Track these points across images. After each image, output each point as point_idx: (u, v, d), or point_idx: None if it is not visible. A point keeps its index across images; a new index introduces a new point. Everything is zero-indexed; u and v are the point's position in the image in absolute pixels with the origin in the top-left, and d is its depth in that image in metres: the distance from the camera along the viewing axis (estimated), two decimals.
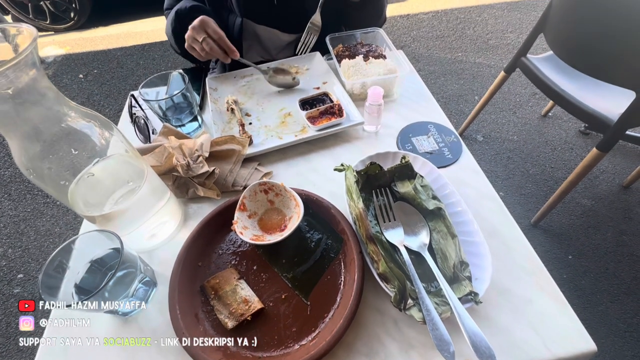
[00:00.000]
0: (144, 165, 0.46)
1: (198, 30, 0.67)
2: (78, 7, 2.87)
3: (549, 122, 1.89)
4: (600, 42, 1.06)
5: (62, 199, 0.39)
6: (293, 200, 0.49)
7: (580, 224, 1.48)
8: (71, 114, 0.36)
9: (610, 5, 0.97)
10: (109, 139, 0.40)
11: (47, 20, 2.93)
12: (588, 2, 1.03)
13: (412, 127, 0.65)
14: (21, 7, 2.82)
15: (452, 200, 0.50)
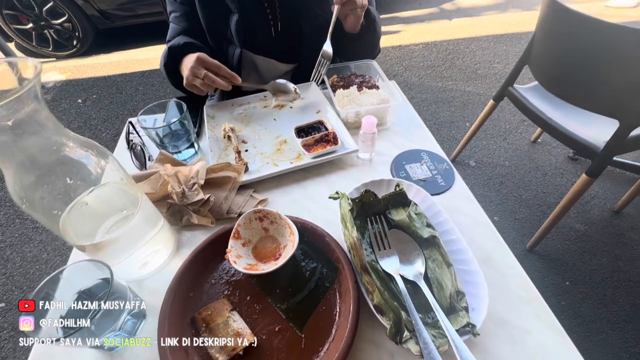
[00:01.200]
0: (138, 193, 0.46)
1: (197, 68, 0.70)
2: (81, 35, 2.95)
3: (538, 148, 1.94)
4: (581, 73, 1.12)
5: (53, 228, 0.39)
6: (288, 228, 0.49)
7: (575, 249, 1.49)
8: (69, 144, 0.36)
9: (589, 37, 1.03)
10: (104, 167, 0.40)
11: (49, 48, 3.00)
12: (568, 35, 1.10)
13: (406, 155, 0.67)
14: (24, 35, 2.89)
15: (446, 228, 0.51)
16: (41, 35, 2.89)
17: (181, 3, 0.83)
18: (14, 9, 2.72)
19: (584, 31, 1.04)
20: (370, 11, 0.81)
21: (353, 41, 0.84)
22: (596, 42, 1.02)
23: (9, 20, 2.77)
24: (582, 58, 1.09)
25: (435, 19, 3.30)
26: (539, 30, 1.24)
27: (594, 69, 1.08)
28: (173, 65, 0.77)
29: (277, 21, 0.86)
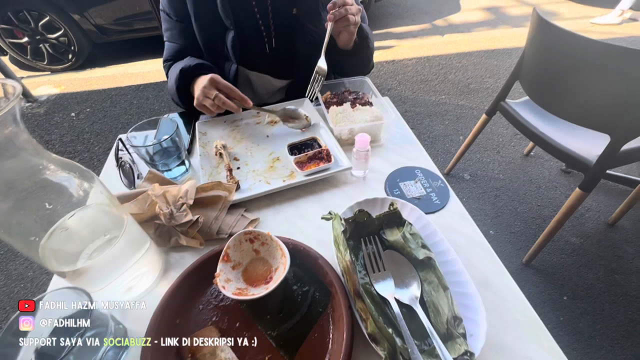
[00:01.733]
0: (123, 215, 0.44)
1: (209, 89, 0.70)
2: (77, 49, 2.96)
3: (531, 161, 1.96)
4: (570, 88, 1.14)
5: (32, 255, 0.37)
6: (279, 250, 0.47)
7: (571, 262, 1.48)
8: (50, 167, 0.35)
9: (577, 53, 1.05)
10: (88, 190, 0.38)
11: (44, 61, 3.00)
12: (556, 52, 1.12)
13: (400, 172, 0.66)
14: (19, 49, 2.89)
15: (441, 249, 0.50)
16: (36, 49, 2.89)
17: (177, 21, 0.83)
18: (9, 23, 2.73)
19: (571, 48, 1.06)
20: (363, 27, 0.82)
21: (346, 57, 0.84)
22: (583, 58, 1.04)
23: (4, 34, 2.78)
24: (571, 74, 1.11)
25: (428, 34, 3.38)
26: (528, 47, 1.26)
27: (582, 85, 1.09)
28: (184, 86, 0.77)
29: (272, 38, 0.87)
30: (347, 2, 0.72)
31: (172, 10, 0.82)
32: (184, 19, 0.81)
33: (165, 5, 0.82)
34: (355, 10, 0.74)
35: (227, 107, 0.71)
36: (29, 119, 2.47)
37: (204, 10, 0.79)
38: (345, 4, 0.72)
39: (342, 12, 0.71)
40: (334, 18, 0.71)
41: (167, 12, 0.83)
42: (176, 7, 0.81)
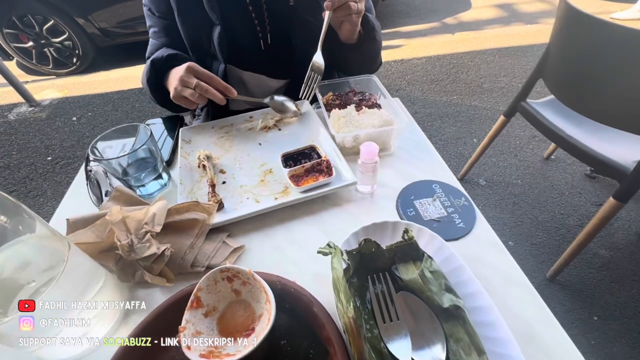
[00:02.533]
0: (64, 249, 0.35)
1: (188, 77, 0.61)
2: (81, 53, 2.94)
3: (552, 165, 1.82)
4: (605, 86, 1.01)
5: None
6: (264, 293, 0.37)
7: (601, 278, 1.34)
8: None
9: (613, 46, 0.93)
10: (10, 228, 0.29)
11: (49, 65, 2.99)
12: (589, 45, 1.00)
13: (414, 187, 0.56)
14: (25, 53, 2.89)
15: (470, 291, 0.39)
16: (41, 53, 2.89)
17: (159, 17, 0.75)
18: (14, 27, 2.72)
19: (607, 40, 0.94)
20: (368, 18, 0.72)
21: (350, 52, 0.74)
22: (622, 51, 0.92)
23: (10, 38, 2.78)
24: (606, 69, 0.99)
25: (438, 33, 3.26)
26: (555, 41, 1.14)
27: (619, 82, 0.97)
28: (156, 79, 0.68)
29: (267, 33, 0.77)
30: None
31: (153, 4, 0.74)
32: (167, 15, 0.73)
33: (147, 1, 0.74)
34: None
35: (210, 95, 0.61)
36: (31, 124, 2.45)
37: (187, 4, 0.70)
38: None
39: (337, 2, 0.61)
40: (331, 6, 0.61)
41: (149, 7, 0.75)
42: (158, 2, 0.73)
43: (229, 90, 0.64)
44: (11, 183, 1.97)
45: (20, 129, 2.40)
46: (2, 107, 2.64)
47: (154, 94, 0.74)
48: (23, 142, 2.27)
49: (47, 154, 2.16)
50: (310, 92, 0.70)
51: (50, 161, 2.11)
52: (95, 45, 2.94)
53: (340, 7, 0.61)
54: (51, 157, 2.13)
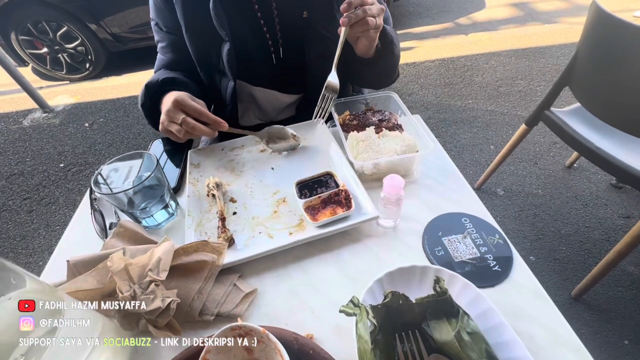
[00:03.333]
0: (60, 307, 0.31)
1: (174, 112, 0.58)
2: (94, 58, 2.98)
3: (575, 174, 1.73)
4: (636, 96, 0.94)
5: None
6: (279, 355, 0.33)
7: (630, 297, 1.26)
8: None
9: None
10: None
11: (63, 71, 3.04)
12: (620, 53, 0.93)
13: (441, 220, 0.51)
14: (39, 59, 2.95)
15: (513, 355, 0.34)
16: (55, 59, 2.95)
17: (167, 32, 0.72)
18: (29, 34, 2.77)
19: None
20: (386, 31, 0.67)
21: (366, 66, 0.70)
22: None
23: (25, 45, 2.83)
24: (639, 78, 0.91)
25: (451, 34, 3.17)
26: (583, 47, 1.07)
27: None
28: (152, 104, 0.65)
29: (279, 47, 0.73)
30: (365, 1, 0.57)
31: (161, 19, 0.71)
32: (174, 30, 0.70)
33: (154, 15, 0.72)
34: (377, 10, 0.58)
35: (198, 132, 0.58)
36: (44, 130, 2.47)
37: (195, 19, 0.66)
38: (363, 4, 0.56)
39: (359, 14, 0.56)
40: (348, 22, 0.56)
41: (156, 22, 0.72)
42: (165, 17, 0.69)
43: (218, 124, 0.60)
44: (25, 190, 1.99)
45: (34, 135, 2.43)
46: (17, 114, 2.68)
47: (149, 119, 0.71)
48: (37, 148, 2.30)
49: (59, 160, 2.18)
50: (325, 113, 0.65)
51: (62, 168, 2.12)
52: (107, 50, 2.97)
53: (357, 23, 0.57)
54: (63, 164, 2.15)
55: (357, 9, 0.56)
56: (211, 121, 0.58)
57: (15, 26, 2.70)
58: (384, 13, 0.61)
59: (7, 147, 2.35)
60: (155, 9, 0.72)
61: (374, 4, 0.58)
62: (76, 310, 0.34)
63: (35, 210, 1.87)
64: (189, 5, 0.66)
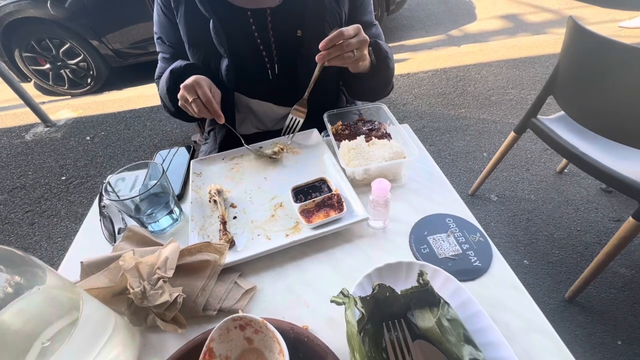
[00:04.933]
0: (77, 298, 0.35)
1: (189, 90, 0.63)
2: (95, 73, 3.05)
3: (566, 179, 1.78)
4: (616, 105, 0.99)
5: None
6: (276, 343, 0.36)
7: (623, 298, 1.29)
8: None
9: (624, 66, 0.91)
10: (22, 282, 0.29)
11: (65, 86, 3.10)
12: (599, 64, 0.99)
13: (427, 221, 0.55)
14: (42, 75, 3.01)
15: (490, 339, 0.37)
16: (57, 75, 3.01)
17: (169, 46, 0.78)
18: (33, 51, 2.84)
19: (615, 59, 0.92)
20: (381, 46, 0.72)
21: (363, 80, 0.75)
22: (631, 71, 0.90)
23: (28, 61, 2.90)
24: (616, 88, 0.97)
25: (443, 45, 3.26)
26: (564, 58, 1.13)
27: (630, 100, 0.95)
28: (175, 87, 0.70)
29: (274, 63, 0.78)
30: (345, 34, 0.59)
31: (164, 34, 0.77)
32: (176, 44, 0.76)
33: (158, 30, 0.77)
34: (357, 43, 0.60)
35: (204, 114, 0.64)
36: (47, 144, 2.52)
37: (196, 36, 0.72)
38: (342, 37, 0.59)
39: (332, 53, 0.60)
40: (323, 60, 0.60)
41: (159, 36, 0.78)
42: (168, 33, 0.75)
43: (218, 118, 0.65)
44: (27, 203, 2.02)
45: (36, 149, 2.47)
46: (19, 128, 2.73)
47: (173, 102, 0.75)
48: (39, 162, 2.34)
49: (61, 173, 2.22)
50: (294, 134, 0.73)
51: (64, 181, 2.15)
52: (108, 65, 3.05)
53: (335, 58, 0.60)
54: (65, 177, 2.18)
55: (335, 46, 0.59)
56: (212, 111, 0.64)
57: (19, 43, 2.77)
58: (366, 44, 0.63)
59: (10, 160, 2.38)
60: (159, 24, 0.77)
61: (357, 35, 0.60)
62: (92, 305, 0.37)
63: (37, 223, 1.89)
64: (191, 24, 0.71)
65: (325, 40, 0.59)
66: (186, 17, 0.70)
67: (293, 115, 0.73)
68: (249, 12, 0.71)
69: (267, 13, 0.72)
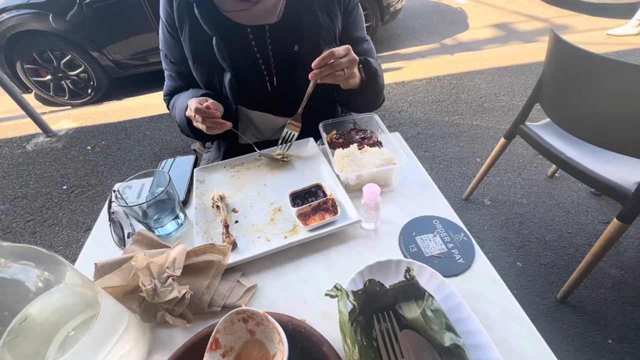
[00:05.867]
0: (96, 294, 0.38)
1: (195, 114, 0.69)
2: (96, 84, 3.10)
3: (556, 183, 1.83)
4: (598, 112, 1.04)
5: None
6: (276, 333, 0.40)
7: (613, 298, 1.33)
8: (1, 262, 0.30)
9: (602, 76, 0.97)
10: (49, 278, 0.33)
11: (65, 97, 3.15)
12: (579, 74, 1.04)
13: (416, 223, 0.59)
14: (43, 86, 3.06)
15: (470, 328, 0.41)
16: (58, 86, 3.05)
17: (174, 63, 0.82)
18: (34, 63, 2.89)
19: (594, 71, 0.98)
20: (370, 63, 0.77)
21: (354, 96, 0.80)
22: (609, 81, 0.96)
23: (30, 73, 2.95)
24: (597, 97, 1.02)
25: (437, 54, 3.35)
26: (547, 68, 1.19)
27: (610, 108, 1.00)
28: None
29: (273, 76, 0.83)
30: (336, 53, 0.63)
31: (169, 52, 0.81)
32: (181, 62, 0.81)
33: (163, 47, 0.82)
34: (347, 62, 0.65)
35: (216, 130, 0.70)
36: (47, 154, 2.55)
37: (200, 52, 0.77)
38: (333, 57, 0.63)
39: (324, 72, 0.64)
40: (315, 77, 0.65)
41: (165, 54, 0.82)
42: (173, 51, 0.80)
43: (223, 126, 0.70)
44: (28, 212, 2.04)
45: (37, 159, 2.50)
46: (20, 138, 2.77)
47: (193, 131, 0.80)
48: (40, 171, 2.37)
49: (62, 182, 2.25)
50: (287, 148, 0.78)
51: (65, 190, 2.18)
52: (109, 76, 3.10)
53: (327, 76, 0.65)
54: (66, 186, 2.21)
55: (327, 65, 0.64)
56: (216, 124, 0.69)
57: (21, 56, 2.82)
58: (356, 63, 0.68)
59: (11, 171, 2.41)
60: (164, 42, 0.82)
61: (347, 55, 0.65)
62: (109, 301, 0.41)
63: (38, 232, 1.92)
64: (195, 42, 0.76)
65: (317, 59, 0.63)
66: (190, 35, 0.75)
67: (288, 129, 0.77)
68: (248, 29, 0.76)
69: (265, 29, 0.77)
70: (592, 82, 1.01)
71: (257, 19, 0.75)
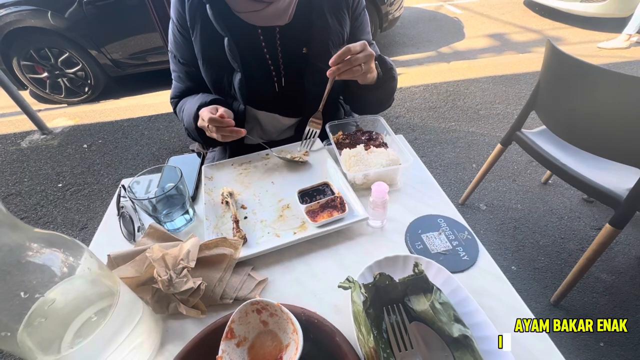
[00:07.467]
0: (115, 283, 0.39)
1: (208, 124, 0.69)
2: (93, 82, 3.07)
3: (550, 189, 1.87)
4: (592, 120, 1.08)
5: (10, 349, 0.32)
6: (290, 324, 0.41)
7: (604, 302, 1.36)
8: (31, 246, 0.31)
9: (597, 86, 1.00)
10: (73, 264, 0.34)
11: (62, 94, 3.11)
12: (575, 83, 1.08)
13: (421, 221, 0.61)
14: (39, 83, 3.02)
15: (477, 321, 0.43)
16: (55, 83, 3.02)
17: (183, 64, 0.83)
18: (31, 60, 2.86)
19: (589, 81, 1.02)
20: (385, 59, 0.78)
21: (370, 91, 0.79)
22: (603, 90, 1.00)
23: (26, 70, 2.91)
24: (591, 106, 1.06)
25: (434, 62, 3.41)
26: (543, 77, 1.23)
27: (604, 117, 1.04)
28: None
29: (281, 77, 0.85)
30: (353, 49, 0.65)
31: (178, 53, 0.82)
32: (190, 62, 0.81)
33: (173, 48, 0.83)
34: (364, 57, 0.66)
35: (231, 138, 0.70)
36: (43, 151, 2.52)
37: (210, 53, 0.78)
38: (349, 53, 0.65)
39: (342, 68, 0.65)
40: (333, 74, 0.66)
41: (174, 54, 0.83)
42: (183, 51, 0.81)
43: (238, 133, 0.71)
44: (22, 210, 2.01)
45: (32, 156, 2.47)
46: (15, 135, 2.73)
47: (202, 137, 0.80)
48: (35, 169, 2.33)
49: (57, 180, 2.22)
50: (310, 146, 0.79)
51: (60, 188, 2.16)
52: (106, 75, 3.08)
53: (344, 72, 0.66)
54: (62, 184, 2.18)
55: (344, 60, 0.65)
56: (230, 132, 0.69)
57: (18, 52, 2.79)
58: (372, 58, 0.69)
59: (5, 167, 2.37)
60: (174, 42, 0.83)
61: (363, 50, 0.66)
62: (126, 290, 0.41)
63: None
64: (206, 42, 0.77)
65: (334, 56, 0.65)
66: (202, 36, 0.76)
67: (310, 127, 0.77)
68: (259, 30, 0.78)
69: (276, 31, 0.79)
70: (586, 91, 1.05)
71: (269, 20, 0.76)
